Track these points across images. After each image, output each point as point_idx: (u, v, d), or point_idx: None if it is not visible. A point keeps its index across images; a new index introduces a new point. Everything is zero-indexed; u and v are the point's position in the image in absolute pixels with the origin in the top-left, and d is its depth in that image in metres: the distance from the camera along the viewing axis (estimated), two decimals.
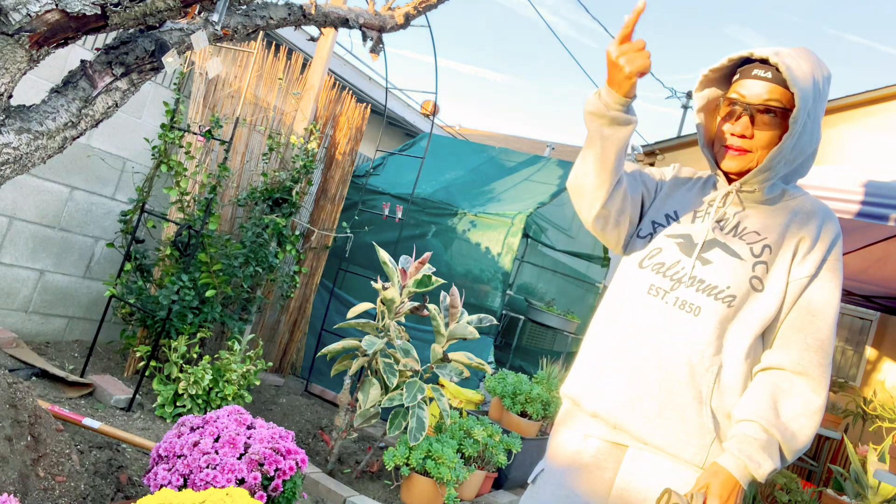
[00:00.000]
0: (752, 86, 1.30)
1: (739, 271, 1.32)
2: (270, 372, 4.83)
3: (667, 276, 1.37)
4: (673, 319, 1.33)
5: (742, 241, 1.35)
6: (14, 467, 1.81)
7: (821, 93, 1.30)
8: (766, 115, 1.30)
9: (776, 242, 1.34)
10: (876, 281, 5.27)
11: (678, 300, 1.34)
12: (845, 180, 3.41)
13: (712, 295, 1.32)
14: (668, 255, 1.38)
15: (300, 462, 2.18)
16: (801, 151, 1.33)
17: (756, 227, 1.36)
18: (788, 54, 1.29)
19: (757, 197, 1.38)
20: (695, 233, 1.39)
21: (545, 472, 1.47)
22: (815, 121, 1.31)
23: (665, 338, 1.33)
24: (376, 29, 3.05)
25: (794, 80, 1.25)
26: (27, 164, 1.78)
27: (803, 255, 1.33)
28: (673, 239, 1.39)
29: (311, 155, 4.30)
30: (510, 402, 3.87)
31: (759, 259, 1.33)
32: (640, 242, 1.44)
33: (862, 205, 3.32)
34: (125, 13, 1.66)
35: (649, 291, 1.37)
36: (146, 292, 3.62)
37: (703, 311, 1.31)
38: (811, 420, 1.28)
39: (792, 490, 4.33)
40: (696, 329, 1.31)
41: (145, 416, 3.20)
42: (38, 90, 3.47)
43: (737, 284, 1.32)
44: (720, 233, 1.37)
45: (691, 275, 1.34)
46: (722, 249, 1.35)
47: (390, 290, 3.21)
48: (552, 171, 5.25)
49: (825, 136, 6.50)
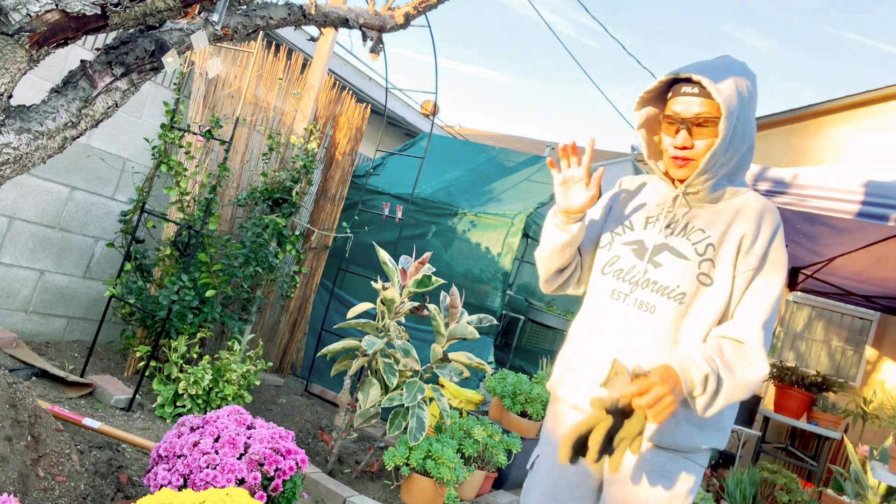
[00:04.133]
0: (684, 102, 1.46)
1: (686, 271, 1.47)
2: (270, 372, 4.83)
3: (625, 280, 1.53)
4: (632, 319, 1.49)
5: (688, 240, 1.50)
6: (14, 467, 1.81)
7: (745, 96, 1.45)
8: (700, 126, 1.45)
9: (719, 239, 1.48)
10: (876, 281, 5.27)
11: (636, 301, 1.50)
12: (845, 180, 3.41)
13: (665, 294, 1.48)
14: (625, 262, 1.55)
15: (300, 462, 2.18)
16: (736, 150, 1.47)
17: (702, 225, 1.51)
18: (710, 68, 1.45)
19: (702, 197, 1.52)
20: (646, 238, 1.55)
21: (539, 458, 1.64)
22: (746, 121, 1.46)
23: (626, 336, 1.49)
24: (376, 29, 3.05)
25: (717, 92, 1.40)
26: (27, 164, 1.77)
27: (746, 250, 1.47)
28: (628, 246, 1.56)
29: (311, 155, 4.30)
30: (510, 402, 3.86)
31: (704, 257, 1.48)
32: (602, 252, 1.61)
33: (862, 205, 3.32)
34: (125, 13, 1.66)
35: (612, 296, 1.54)
36: (146, 292, 3.62)
37: (658, 310, 1.47)
38: (750, 374, 1.40)
39: (792, 490, 4.33)
40: (653, 326, 1.47)
41: (145, 416, 3.20)
42: (38, 90, 3.47)
43: (685, 283, 1.47)
44: (669, 236, 1.53)
45: (645, 277, 1.50)
46: (669, 252, 1.50)
47: (390, 290, 3.21)
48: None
49: (826, 136, 6.50)
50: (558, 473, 1.57)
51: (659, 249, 1.51)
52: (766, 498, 4.46)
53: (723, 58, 1.51)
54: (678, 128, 1.47)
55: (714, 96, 1.41)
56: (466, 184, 5.22)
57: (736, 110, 1.42)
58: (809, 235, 4.72)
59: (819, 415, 5.22)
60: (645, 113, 1.56)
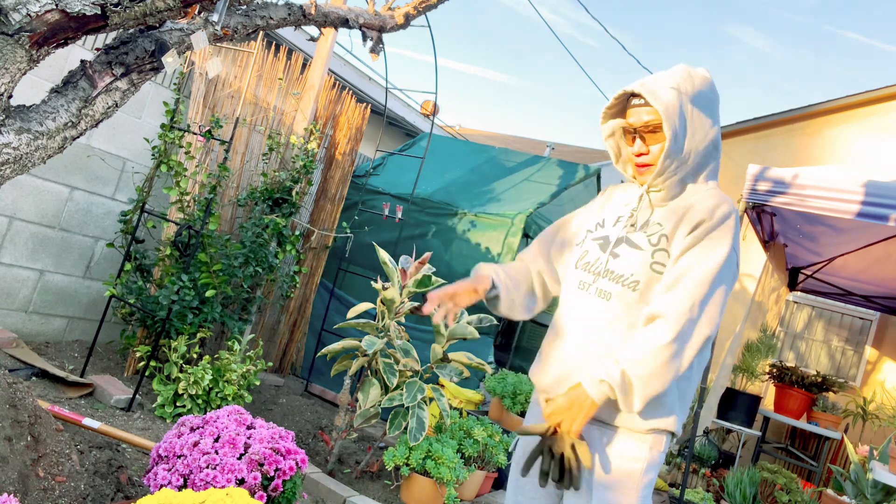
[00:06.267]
0: (635, 113, 1.61)
1: (639, 260, 1.59)
2: (270, 372, 4.83)
3: (590, 271, 1.66)
4: (593, 306, 1.62)
5: (644, 233, 1.62)
6: (14, 467, 1.81)
7: (691, 99, 1.57)
8: (652, 133, 1.59)
9: (672, 230, 1.59)
10: (876, 281, 5.27)
11: (597, 290, 1.63)
12: (845, 180, 3.41)
13: (620, 282, 1.60)
14: (592, 255, 1.68)
15: (300, 462, 2.18)
16: (692, 150, 1.59)
17: (659, 219, 1.62)
18: (653, 79, 1.59)
19: (664, 196, 1.64)
20: (611, 233, 1.68)
21: (517, 443, 1.80)
22: (695, 121, 1.58)
23: (586, 323, 1.63)
24: (376, 29, 3.05)
25: (655, 101, 1.54)
26: (27, 164, 1.77)
27: (687, 233, 1.56)
28: (596, 241, 1.70)
29: (311, 155, 4.30)
30: (510, 402, 3.86)
31: (658, 247, 1.59)
32: (577, 248, 1.75)
33: (862, 205, 3.32)
34: (125, 13, 1.65)
35: (579, 287, 1.67)
36: (146, 292, 3.62)
37: (613, 296, 1.60)
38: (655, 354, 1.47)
39: (792, 490, 4.33)
40: (608, 312, 1.60)
41: (145, 416, 3.20)
42: (38, 90, 3.47)
43: (639, 271, 1.58)
44: (631, 231, 1.64)
45: (606, 268, 1.63)
46: (627, 244, 1.63)
47: (390, 290, 3.21)
48: (552, 171, 5.25)
49: (826, 136, 6.50)
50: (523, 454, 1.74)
51: (619, 242, 1.64)
52: (766, 498, 4.46)
53: (676, 68, 1.64)
54: (634, 137, 1.62)
55: (652, 104, 1.54)
56: (466, 184, 5.22)
57: (677, 113, 1.54)
58: (809, 235, 4.72)
59: (819, 415, 5.22)
60: (611, 127, 1.71)
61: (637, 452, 1.56)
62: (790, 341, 6.66)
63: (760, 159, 6.33)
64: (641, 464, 1.55)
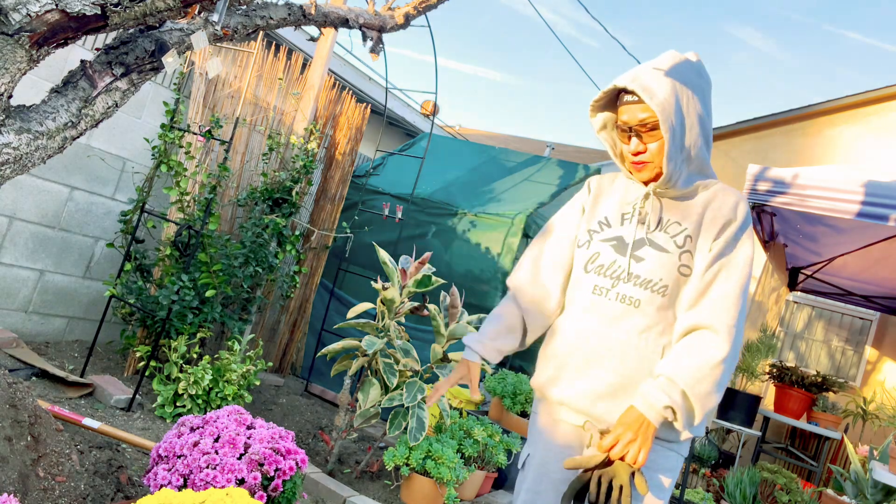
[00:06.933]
0: (628, 111, 1.52)
1: (668, 263, 1.51)
2: (270, 372, 4.83)
3: (607, 275, 1.56)
4: (617, 313, 1.52)
5: (666, 234, 1.54)
6: (14, 467, 1.81)
7: (687, 92, 1.50)
8: (649, 130, 1.50)
9: (695, 231, 1.53)
10: (876, 281, 5.27)
11: (619, 295, 1.53)
12: (845, 180, 3.41)
13: (648, 288, 1.51)
14: (606, 258, 1.57)
15: (300, 462, 2.18)
16: (692, 145, 1.52)
17: (677, 218, 1.55)
18: (645, 73, 1.49)
19: (673, 193, 1.57)
20: (625, 234, 1.58)
21: (529, 457, 1.67)
22: (692, 116, 1.51)
23: (612, 330, 1.52)
24: (376, 29, 3.05)
25: (650, 98, 1.46)
26: (27, 164, 1.77)
27: (716, 234, 1.51)
28: (607, 242, 1.59)
29: (311, 155, 4.30)
30: (510, 402, 3.86)
31: (683, 249, 1.52)
32: (581, 251, 1.63)
33: (862, 205, 3.32)
34: (125, 13, 1.65)
35: (594, 291, 1.56)
36: (146, 292, 3.62)
37: (643, 303, 1.51)
38: (712, 371, 1.42)
39: (792, 490, 4.33)
40: (640, 320, 1.51)
41: (145, 416, 3.20)
42: (38, 90, 3.47)
43: (667, 275, 1.51)
44: (647, 230, 1.56)
45: (628, 272, 1.53)
46: (650, 246, 1.54)
47: (390, 290, 3.21)
48: (552, 171, 5.25)
49: (826, 136, 6.50)
50: (543, 471, 1.63)
51: (639, 244, 1.55)
52: (766, 498, 4.46)
53: (665, 56, 1.55)
54: (629, 135, 1.54)
55: (648, 103, 1.46)
56: (466, 184, 5.22)
57: (674, 110, 1.47)
58: (809, 235, 4.72)
59: (819, 415, 5.22)
60: (602, 119, 1.62)
61: (675, 463, 1.53)
62: (790, 341, 6.66)
63: (760, 159, 6.33)
64: (676, 473, 1.54)
